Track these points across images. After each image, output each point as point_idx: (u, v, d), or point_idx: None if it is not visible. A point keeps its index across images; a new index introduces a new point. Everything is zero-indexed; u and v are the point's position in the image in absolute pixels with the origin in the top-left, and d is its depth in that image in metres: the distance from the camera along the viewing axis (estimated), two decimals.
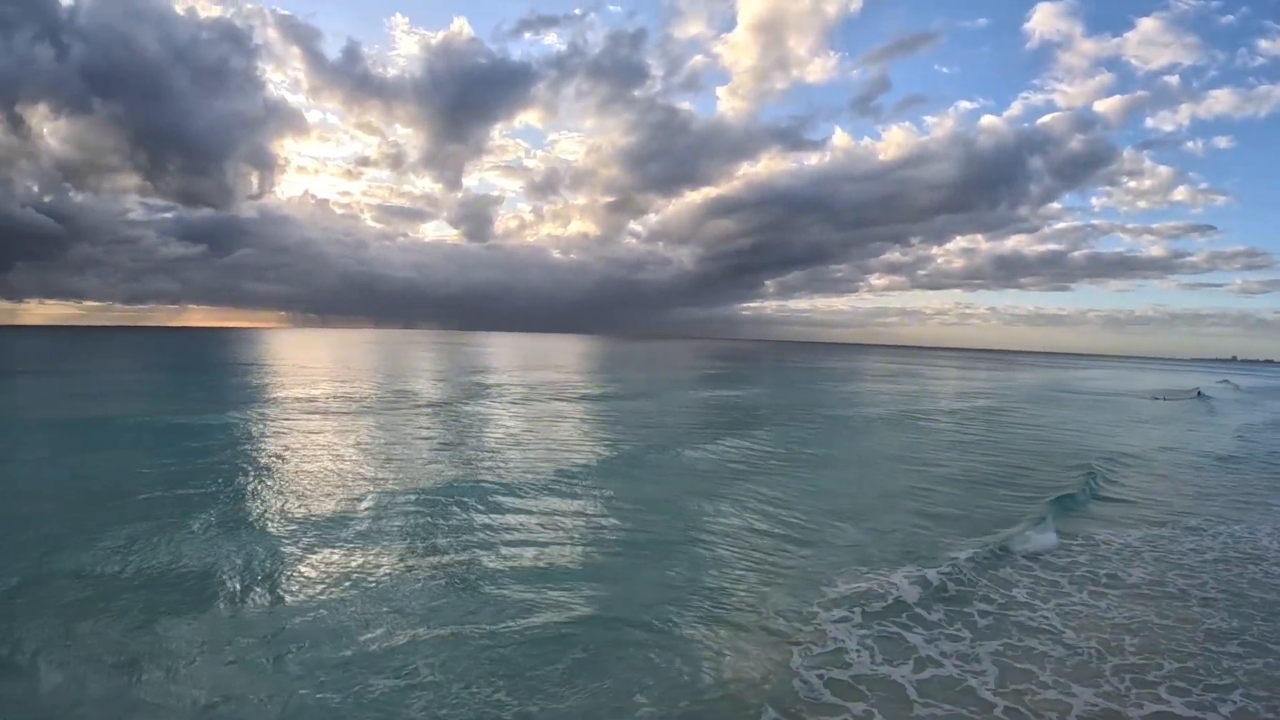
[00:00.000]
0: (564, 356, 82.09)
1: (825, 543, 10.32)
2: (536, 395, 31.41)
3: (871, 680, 6.28)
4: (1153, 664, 6.80)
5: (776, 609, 7.72)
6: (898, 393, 43.33)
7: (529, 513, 11.26)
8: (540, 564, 8.97)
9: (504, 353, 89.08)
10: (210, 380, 39.24)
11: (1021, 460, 18.46)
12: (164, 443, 16.64)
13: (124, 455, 15.38)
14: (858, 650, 6.80)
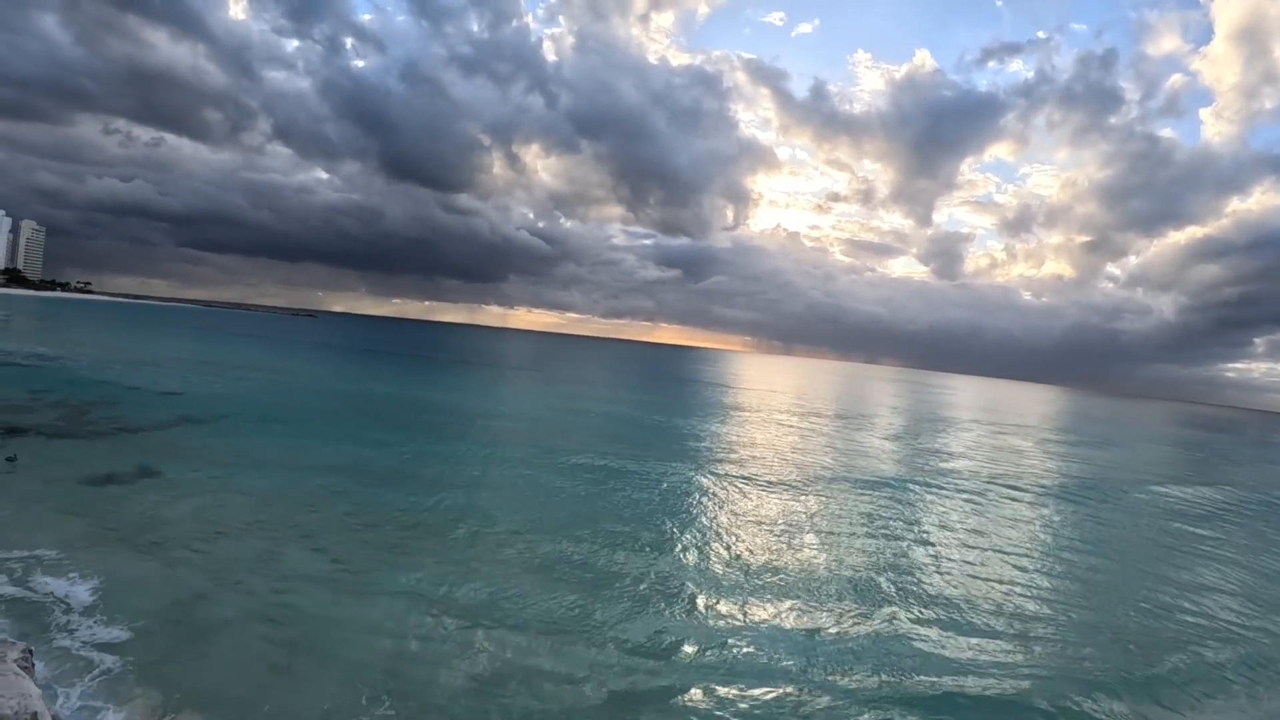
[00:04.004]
0: (1035, 415, 75.66)
1: None
2: (998, 476, 27.68)
3: None
4: None
5: None
6: None
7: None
8: None
9: (968, 403, 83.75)
10: (679, 397, 47.73)
11: None
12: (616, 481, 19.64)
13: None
14: None
